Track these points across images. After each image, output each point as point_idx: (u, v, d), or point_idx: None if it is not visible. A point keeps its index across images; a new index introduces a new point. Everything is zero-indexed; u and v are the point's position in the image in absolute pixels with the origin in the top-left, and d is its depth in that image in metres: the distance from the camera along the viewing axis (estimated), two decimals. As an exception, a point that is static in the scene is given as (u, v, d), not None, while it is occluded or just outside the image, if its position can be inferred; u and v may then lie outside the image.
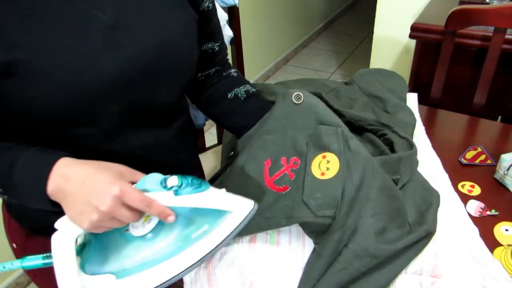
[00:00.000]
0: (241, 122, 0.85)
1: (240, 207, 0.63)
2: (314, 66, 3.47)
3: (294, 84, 1.26)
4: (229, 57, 1.06)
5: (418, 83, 1.64)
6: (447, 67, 1.31)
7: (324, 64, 3.49)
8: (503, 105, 1.48)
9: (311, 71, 3.39)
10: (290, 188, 0.72)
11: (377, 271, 0.68)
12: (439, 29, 1.47)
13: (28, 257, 0.59)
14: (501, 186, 0.91)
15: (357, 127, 1.02)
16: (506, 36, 1.23)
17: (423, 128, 1.10)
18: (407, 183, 0.83)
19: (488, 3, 1.56)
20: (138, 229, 0.61)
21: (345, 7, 4.59)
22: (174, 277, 0.61)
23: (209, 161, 1.33)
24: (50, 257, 0.58)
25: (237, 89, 0.86)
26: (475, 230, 0.79)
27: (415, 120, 1.04)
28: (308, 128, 0.75)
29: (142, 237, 0.62)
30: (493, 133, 1.14)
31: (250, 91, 0.86)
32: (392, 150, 0.93)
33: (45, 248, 0.64)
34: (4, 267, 0.57)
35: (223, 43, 0.87)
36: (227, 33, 1.36)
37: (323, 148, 0.73)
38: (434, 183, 0.85)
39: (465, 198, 0.88)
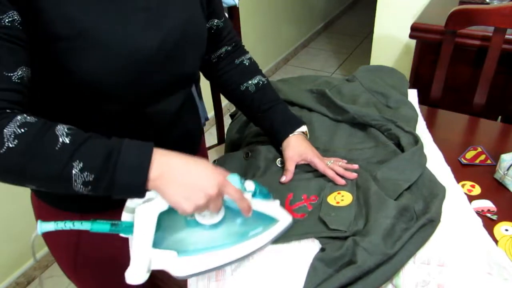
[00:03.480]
0: (250, 113, 0.98)
1: (285, 219, 0.77)
2: (314, 66, 3.47)
3: (296, 82, 1.26)
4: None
5: (419, 83, 1.64)
6: (447, 67, 1.31)
7: (324, 64, 3.49)
8: (503, 105, 1.48)
9: (311, 71, 3.39)
10: (307, 215, 0.82)
11: (384, 263, 0.69)
12: (439, 29, 1.47)
13: (98, 221, 0.65)
14: (501, 186, 0.91)
15: (361, 123, 1.02)
16: (506, 36, 1.23)
17: (424, 122, 1.10)
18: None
19: (488, 3, 1.56)
20: (206, 218, 0.69)
21: (345, 7, 4.59)
22: (226, 264, 0.71)
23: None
24: (116, 225, 0.65)
25: (249, 81, 0.93)
26: (478, 221, 0.80)
27: (417, 115, 1.05)
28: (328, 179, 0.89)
29: (210, 225, 0.70)
30: (493, 133, 1.14)
31: (260, 84, 0.94)
32: (398, 144, 0.94)
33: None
34: (73, 225, 0.62)
35: (227, 20, 0.93)
36: (227, 33, 1.36)
37: (339, 188, 0.86)
38: (437, 176, 0.87)
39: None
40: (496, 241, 0.77)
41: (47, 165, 0.58)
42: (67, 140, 0.59)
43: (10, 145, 0.56)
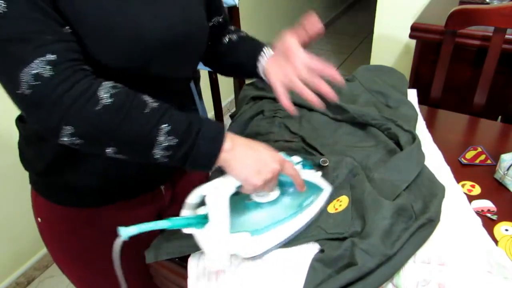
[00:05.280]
0: (235, 60, 0.92)
1: (328, 187, 0.83)
2: (314, 66, 3.47)
3: None
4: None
5: (419, 83, 1.64)
6: (447, 67, 1.31)
7: (324, 64, 3.49)
8: (503, 105, 1.48)
9: (311, 71, 3.38)
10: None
11: (384, 264, 0.69)
12: (439, 29, 1.47)
13: (174, 218, 0.68)
14: (501, 186, 0.91)
15: (361, 122, 1.02)
16: (506, 36, 1.23)
17: (423, 122, 1.10)
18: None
19: (488, 3, 1.56)
20: (264, 197, 0.75)
21: (345, 7, 4.59)
22: (292, 234, 0.76)
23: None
24: (191, 220, 0.69)
25: (230, 35, 0.93)
26: (478, 221, 0.80)
27: (417, 114, 1.05)
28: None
29: (269, 203, 0.75)
30: (493, 133, 1.14)
31: (241, 35, 0.93)
32: (398, 143, 0.94)
33: (70, 219, 0.81)
34: (154, 225, 0.65)
35: (225, 12, 0.94)
36: (227, 33, 1.36)
37: (338, 195, 0.86)
38: (436, 176, 0.87)
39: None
40: (496, 241, 0.77)
41: (138, 125, 0.61)
42: (154, 105, 0.63)
43: (106, 103, 0.59)
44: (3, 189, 1.61)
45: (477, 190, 0.91)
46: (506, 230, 0.80)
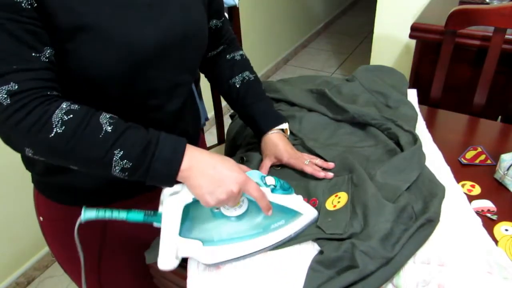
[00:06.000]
0: (234, 107, 0.99)
1: (309, 213, 0.78)
2: (314, 66, 3.47)
3: (296, 82, 1.26)
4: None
5: (418, 83, 1.64)
6: (447, 67, 1.31)
7: (324, 64, 3.49)
8: (503, 105, 1.48)
9: (311, 71, 3.39)
10: None
11: (385, 265, 0.69)
12: (439, 29, 1.47)
13: (133, 210, 0.70)
14: (501, 186, 0.91)
15: (361, 122, 1.02)
16: (506, 36, 1.23)
17: (423, 122, 1.10)
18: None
19: (488, 3, 1.56)
20: (230, 211, 0.74)
21: (345, 7, 4.59)
22: (249, 254, 0.74)
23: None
24: (149, 215, 0.70)
25: (236, 76, 0.95)
26: (478, 221, 0.80)
27: (416, 114, 1.05)
28: (326, 181, 0.89)
29: (232, 217, 0.74)
30: (493, 133, 1.14)
31: (245, 80, 0.95)
32: (398, 143, 0.94)
33: (70, 217, 0.78)
34: (112, 214, 0.68)
35: (225, 18, 0.96)
36: (227, 33, 1.36)
37: (336, 190, 0.86)
38: (436, 176, 0.86)
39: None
40: (496, 241, 0.77)
41: (90, 151, 0.63)
42: (109, 129, 0.63)
43: (58, 131, 0.61)
44: (3, 189, 1.61)
45: (477, 190, 0.91)
46: (506, 230, 0.80)
